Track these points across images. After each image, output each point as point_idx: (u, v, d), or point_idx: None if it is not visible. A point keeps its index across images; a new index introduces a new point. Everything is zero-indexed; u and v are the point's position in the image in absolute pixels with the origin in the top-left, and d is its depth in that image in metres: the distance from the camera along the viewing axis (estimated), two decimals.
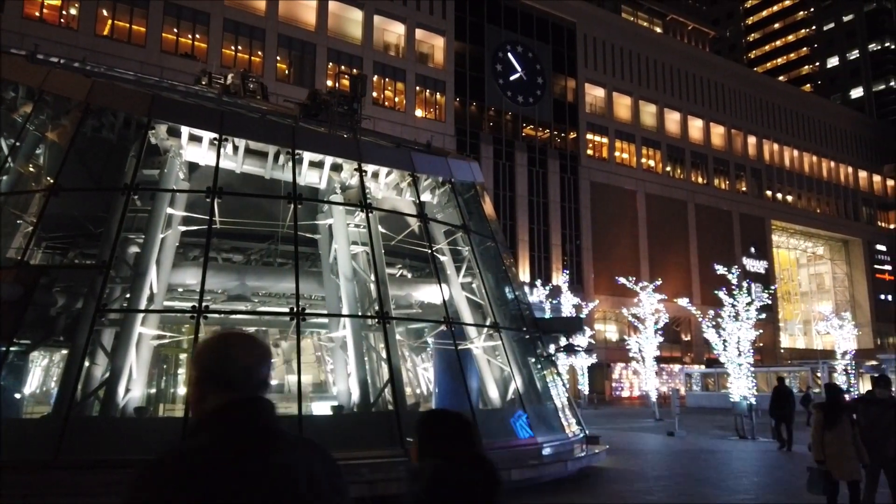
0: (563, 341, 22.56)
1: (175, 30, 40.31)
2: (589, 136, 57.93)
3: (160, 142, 12.96)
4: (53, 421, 10.44)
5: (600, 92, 59.59)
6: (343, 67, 44.01)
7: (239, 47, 42.49)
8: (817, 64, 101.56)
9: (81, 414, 10.89)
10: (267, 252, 17.18)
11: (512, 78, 54.06)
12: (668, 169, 62.74)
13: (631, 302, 34.65)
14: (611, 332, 55.24)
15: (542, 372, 15.66)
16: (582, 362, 39.28)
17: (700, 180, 64.95)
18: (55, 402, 11.55)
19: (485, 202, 16.97)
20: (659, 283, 33.86)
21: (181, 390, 19.59)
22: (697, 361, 54.40)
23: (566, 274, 45.50)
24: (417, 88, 49.66)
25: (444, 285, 14.61)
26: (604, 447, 15.16)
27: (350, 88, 18.07)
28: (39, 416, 14.01)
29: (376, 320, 12.66)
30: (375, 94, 46.79)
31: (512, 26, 54.34)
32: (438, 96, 50.89)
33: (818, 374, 37.73)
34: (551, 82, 56.20)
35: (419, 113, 49.57)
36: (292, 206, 12.41)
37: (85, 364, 10.97)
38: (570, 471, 12.81)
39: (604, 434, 18.07)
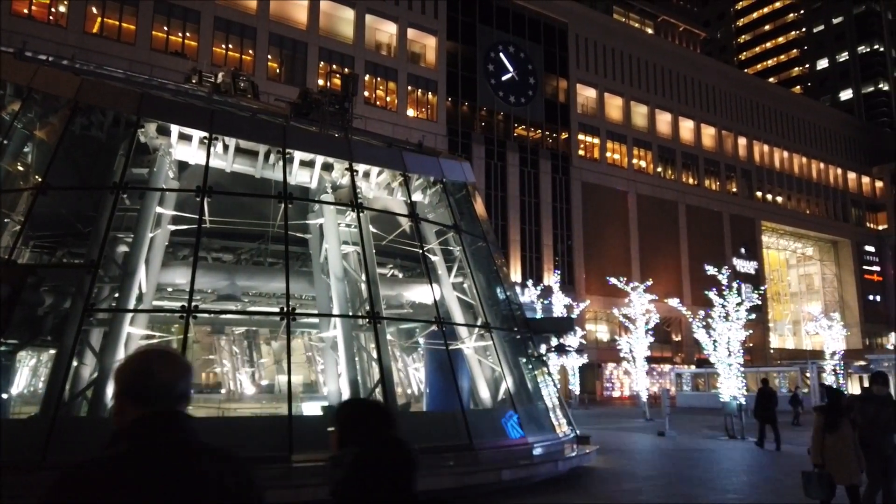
0: (554, 341, 22.61)
1: (165, 28, 40.10)
2: (580, 137, 58.06)
3: (149, 140, 12.87)
4: (41, 421, 10.35)
5: (592, 92, 59.73)
6: (335, 66, 43.95)
7: (230, 46, 42.31)
8: (807, 66, 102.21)
9: (69, 414, 10.80)
10: (257, 252, 17.12)
11: (504, 78, 54.11)
12: (660, 170, 62.98)
13: (622, 302, 34.75)
14: (602, 333, 55.40)
15: (533, 372, 15.68)
16: (573, 362, 39.39)
17: (691, 181, 65.24)
18: (42, 403, 11.45)
19: (476, 202, 16.97)
20: (650, 284, 34.00)
21: None
22: (688, 362, 54.63)
23: (557, 274, 45.61)
24: (409, 88, 49.61)
25: (436, 285, 14.59)
26: (594, 447, 15.18)
27: (341, 88, 18.06)
28: (27, 417, 13.89)
29: (367, 320, 12.62)
30: (367, 94, 46.70)
31: (504, 26, 54.39)
32: (430, 96, 50.86)
33: (807, 375, 37.97)
34: (543, 82, 56.28)
35: (411, 113, 49.53)
36: (283, 206, 12.35)
37: (73, 364, 10.88)
38: (561, 471, 12.82)
39: (594, 434, 18.09)
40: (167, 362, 1.91)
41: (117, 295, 12.06)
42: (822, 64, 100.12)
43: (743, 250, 65.61)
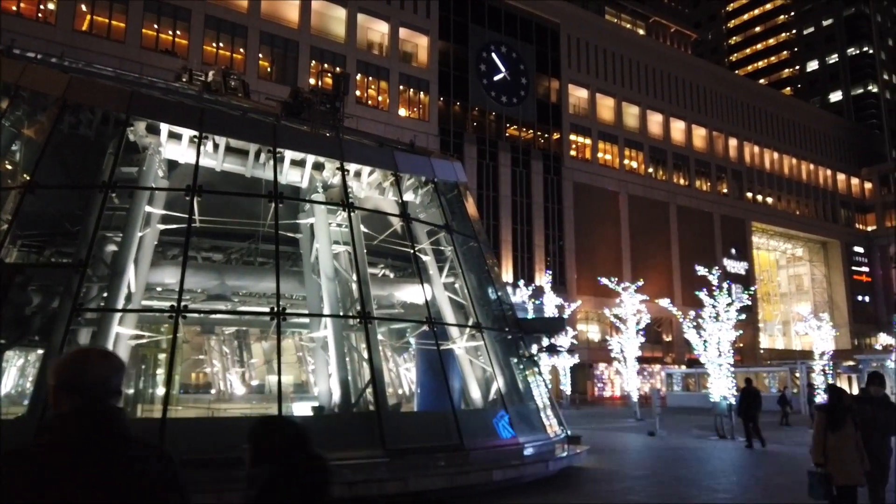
0: (546, 342, 22.62)
1: (155, 26, 39.88)
2: (572, 137, 58.18)
3: (139, 139, 12.78)
4: (28, 422, 10.26)
5: (583, 93, 59.87)
6: (326, 66, 43.88)
7: (220, 44, 42.13)
8: (797, 67, 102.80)
9: None
10: (247, 251, 17.03)
11: (496, 78, 54.15)
12: (651, 170, 63.19)
13: (613, 302, 34.83)
14: (593, 333, 55.52)
15: (525, 372, 15.69)
16: (564, 362, 39.48)
17: (682, 182, 65.50)
18: (30, 403, 11.36)
19: (468, 202, 16.95)
20: (641, 284, 34.04)
21: (160, 391, 19.37)
22: (679, 362, 54.88)
23: (549, 274, 45.68)
24: (401, 87, 49.56)
25: (427, 285, 14.56)
26: (585, 447, 15.20)
27: (333, 87, 17.99)
28: (14, 418, 13.77)
29: (358, 320, 12.58)
30: (359, 93, 46.63)
31: (496, 26, 54.43)
32: (422, 96, 50.83)
33: (797, 375, 38.18)
34: (535, 83, 56.36)
35: (403, 112, 49.48)
36: (273, 205, 12.29)
37: None
38: (552, 471, 12.83)
39: (585, 434, 18.13)
40: (100, 359, 2.06)
41: (106, 295, 11.97)
42: (812, 66, 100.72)
43: (733, 251, 65.94)
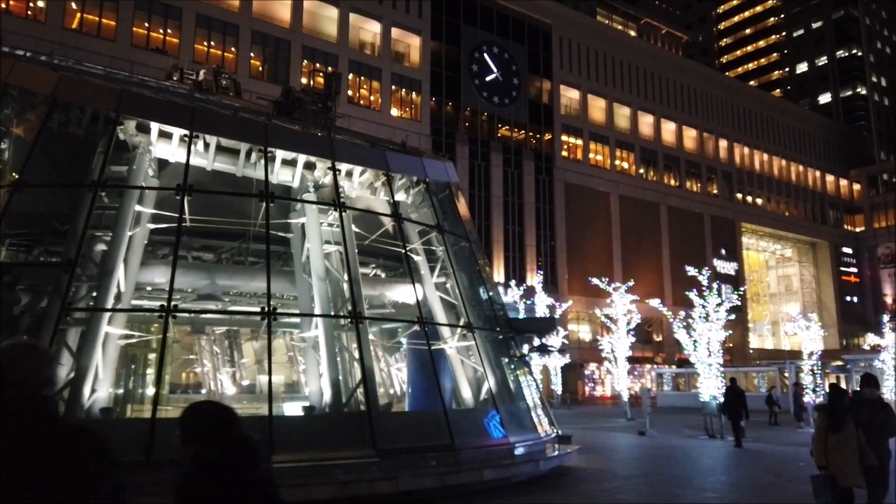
0: (537, 341, 22.66)
1: (146, 24, 39.66)
2: (564, 138, 58.31)
3: (129, 138, 12.71)
4: None
5: (575, 94, 60.02)
6: (318, 65, 43.79)
7: (212, 43, 41.96)
8: (787, 69, 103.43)
9: None
10: (238, 251, 16.98)
11: (488, 78, 54.20)
12: (642, 171, 63.42)
13: (604, 302, 34.97)
14: (584, 333, 55.67)
15: (516, 372, 15.71)
16: (555, 362, 39.57)
17: (672, 182, 65.77)
18: None
19: (459, 202, 16.96)
20: (631, 284, 34.20)
21: (149, 391, 19.28)
22: (669, 362, 55.10)
23: (540, 274, 45.83)
24: (393, 87, 49.53)
25: (418, 285, 14.57)
26: (575, 447, 15.25)
27: (324, 86, 17.95)
28: None
29: (349, 320, 12.56)
30: (351, 93, 46.56)
31: (488, 27, 54.48)
32: (414, 96, 50.81)
33: (786, 374, 38.43)
34: (527, 83, 56.45)
35: (395, 112, 49.45)
36: (264, 205, 12.26)
37: None
38: (543, 470, 12.86)
39: (576, 433, 18.18)
40: (30, 352, 2.20)
41: (95, 294, 11.89)
42: (802, 68, 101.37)
43: (723, 251, 66.28)
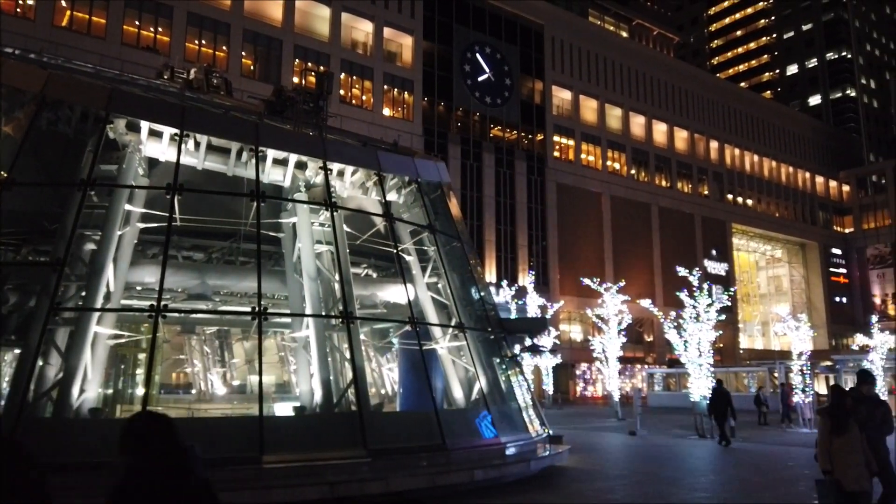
0: (528, 341, 22.70)
1: (137, 22, 39.45)
2: (556, 138, 58.43)
3: (119, 136, 12.64)
4: (4, 422, 10.09)
5: (567, 94, 60.15)
6: (310, 64, 43.66)
7: (203, 42, 41.79)
8: (777, 71, 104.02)
9: (34, 415, 10.57)
10: (229, 250, 16.90)
11: (480, 79, 54.23)
12: (633, 172, 63.63)
13: (595, 303, 35.04)
14: (575, 333, 55.80)
15: (507, 372, 15.71)
16: (547, 362, 39.62)
17: (664, 183, 66.02)
18: (6, 403, 11.17)
19: (451, 202, 16.96)
20: (623, 285, 34.31)
21: (139, 391, 19.16)
22: (660, 362, 55.30)
23: (532, 275, 45.85)
24: (385, 87, 49.47)
25: (410, 285, 14.55)
26: (566, 447, 15.27)
27: (316, 86, 17.87)
28: None
29: (340, 320, 12.54)
30: (343, 93, 46.47)
31: (480, 27, 54.51)
32: (406, 95, 50.78)
33: (775, 375, 38.64)
34: (519, 84, 56.52)
35: (387, 112, 49.40)
36: (255, 204, 12.23)
37: (38, 364, 10.65)
38: (534, 470, 12.88)
39: (567, 433, 18.22)
40: None
41: (84, 294, 11.81)
42: (792, 69, 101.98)
43: (714, 252, 66.58)
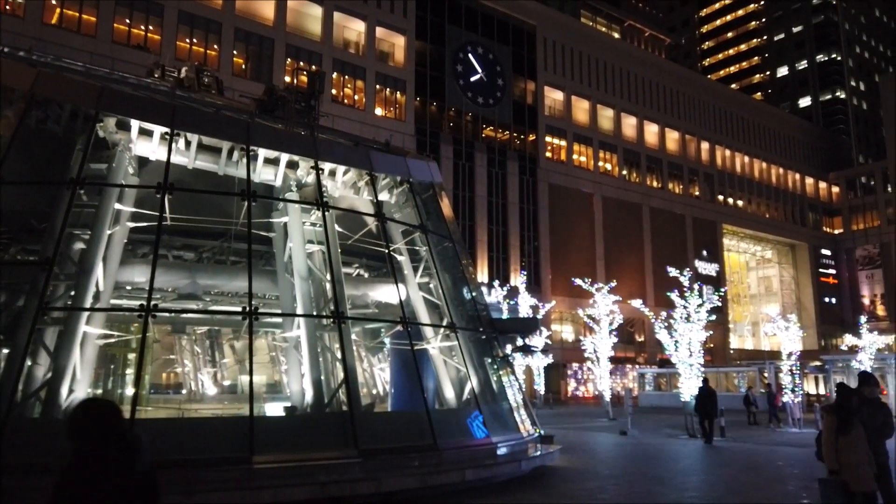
0: (520, 342, 22.72)
1: (127, 20, 39.23)
2: (548, 139, 58.53)
3: (109, 135, 12.56)
4: None
5: (559, 95, 60.26)
6: (302, 63, 43.60)
7: (194, 40, 41.60)
8: (768, 73, 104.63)
9: (22, 415, 10.50)
10: (220, 250, 16.85)
11: (472, 79, 54.26)
12: (625, 172, 63.83)
13: (587, 303, 35.13)
14: (567, 333, 55.91)
15: (498, 372, 15.73)
16: (538, 362, 39.67)
17: (655, 184, 66.26)
18: None
19: (443, 202, 16.95)
20: (614, 285, 34.42)
21: (129, 391, 19.07)
22: (651, 362, 55.51)
23: (524, 275, 45.90)
24: (377, 87, 49.41)
25: (401, 285, 14.54)
26: (558, 447, 15.30)
27: (308, 85, 17.87)
28: None
29: (331, 320, 12.51)
30: (335, 92, 46.38)
31: (472, 27, 54.54)
32: (399, 95, 50.73)
33: (765, 374, 38.86)
34: (511, 84, 56.59)
35: (379, 112, 49.34)
36: (246, 204, 12.17)
37: (26, 364, 10.57)
38: (525, 470, 12.89)
39: (558, 433, 18.25)
40: None
41: (73, 293, 11.73)
42: (783, 71, 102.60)
43: (705, 252, 66.88)
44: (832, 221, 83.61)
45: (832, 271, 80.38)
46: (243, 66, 43.81)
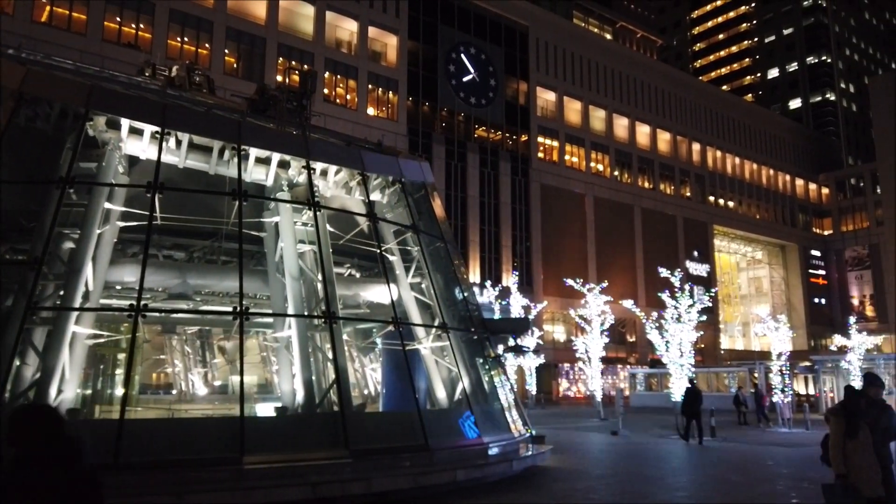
0: (511, 342, 22.74)
1: (118, 18, 39.02)
2: (540, 139, 58.64)
3: (98, 134, 12.48)
4: None
5: (551, 96, 60.39)
6: (293, 63, 43.49)
7: (185, 39, 41.43)
8: (758, 75, 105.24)
9: None
10: (210, 249, 16.75)
11: (465, 79, 54.28)
12: (616, 173, 64.03)
13: (578, 303, 35.20)
14: (559, 333, 56.03)
15: (490, 372, 15.74)
16: (530, 363, 39.74)
17: (646, 185, 66.50)
18: None
19: (435, 202, 16.94)
20: (605, 285, 34.49)
21: (118, 391, 18.97)
22: (642, 362, 55.68)
23: (516, 275, 46.00)
24: (370, 87, 49.36)
25: (393, 285, 14.51)
26: (549, 447, 15.32)
27: (300, 84, 17.82)
28: None
29: (323, 320, 12.47)
30: (327, 91, 46.30)
31: (465, 27, 54.57)
32: (391, 95, 50.70)
33: (755, 375, 39.05)
34: (503, 84, 56.65)
35: (371, 111, 49.29)
36: (237, 203, 12.11)
37: (14, 364, 10.49)
38: (516, 470, 12.90)
39: (549, 433, 18.28)
40: None
41: (62, 293, 11.65)
42: (773, 73, 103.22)
43: (695, 253, 67.19)
44: (822, 223, 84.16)
45: (822, 272, 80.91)
46: (235, 65, 43.66)
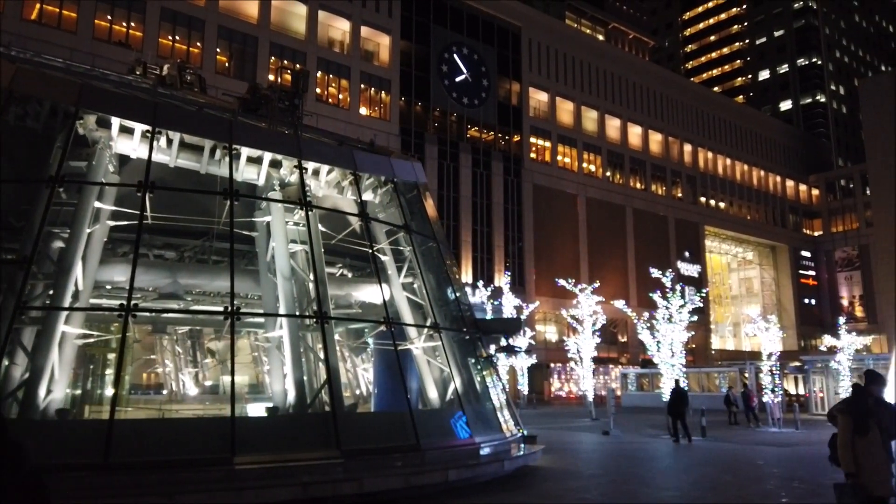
0: (503, 342, 22.74)
1: (109, 17, 38.80)
2: (532, 140, 58.72)
3: (89, 133, 12.40)
4: None
5: (544, 96, 60.49)
6: (286, 62, 43.34)
7: (177, 37, 41.23)
8: (750, 76, 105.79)
9: None
10: (201, 249, 16.70)
11: (457, 79, 54.29)
12: (608, 174, 64.21)
13: (570, 303, 35.29)
14: (550, 333, 56.12)
15: (482, 372, 15.74)
16: (522, 363, 39.80)
17: (638, 186, 66.71)
18: None
19: (427, 202, 16.93)
20: (597, 286, 34.59)
21: (108, 391, 18.85)
22: (633, 362, 55.87)
23: (508, 275, 46.03)
24: (362, 86, 49.29)
25: (385, 285, 14.50)
26: (540, 446, 15.35)
27: (292, 84, 17.76)
28: None
29: (314, 320, 12.44)
30: (319, 91, 46.20)
31: (458, 28, 54.59)
32: (383, 95, 50.65)
33: (745, 375, 39.24)
34: (496, 85, 56.70)
35: (363, 111, 49.22)
36: (229, 203, 12.07)
37: (3, 364, 10.41)
38: (507, 470, 12.92)
39: (541, 433, 18.30)
40: None
41: (52, 292, 11.57)
42: (764, 75, 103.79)
43: (687, 254, 67.47)
44: (812, 224, 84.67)
45: (812, 273, 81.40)
46: (226, 64, 43.50)
